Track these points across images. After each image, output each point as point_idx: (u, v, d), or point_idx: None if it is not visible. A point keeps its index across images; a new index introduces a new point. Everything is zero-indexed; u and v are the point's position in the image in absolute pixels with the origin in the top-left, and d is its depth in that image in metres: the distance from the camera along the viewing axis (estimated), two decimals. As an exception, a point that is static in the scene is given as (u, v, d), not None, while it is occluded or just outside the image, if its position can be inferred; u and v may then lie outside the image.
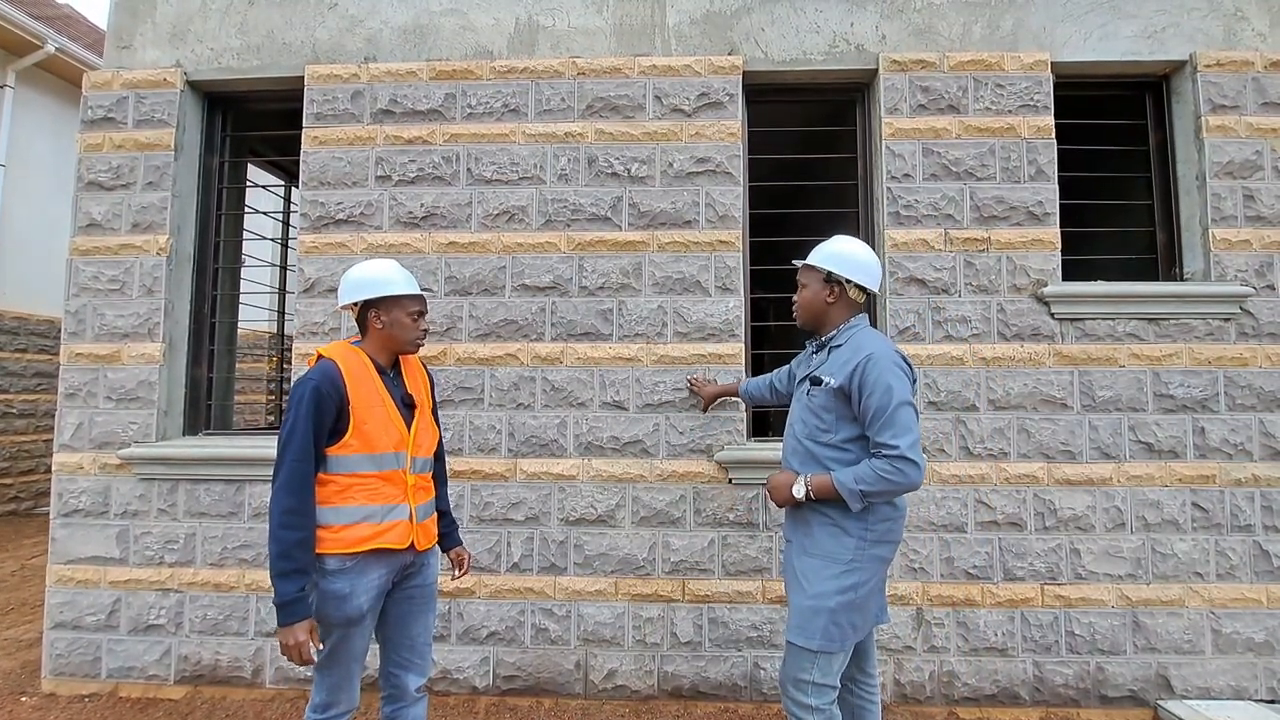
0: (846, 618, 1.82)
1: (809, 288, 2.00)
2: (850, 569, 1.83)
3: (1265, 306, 2.89)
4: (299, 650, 1.65)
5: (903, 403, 1.75)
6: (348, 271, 1.94)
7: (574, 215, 3.04)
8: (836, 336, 1.96)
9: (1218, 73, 2.98)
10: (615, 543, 2.92)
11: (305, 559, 1.68)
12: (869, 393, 1.77)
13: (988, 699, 2.80)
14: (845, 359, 1.86)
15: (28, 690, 2.99)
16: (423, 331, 1.96)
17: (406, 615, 1.94)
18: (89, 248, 3.11)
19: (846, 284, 1.95)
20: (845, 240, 2.01)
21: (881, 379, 1.76)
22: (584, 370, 2.98)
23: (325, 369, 1.78)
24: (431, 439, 2.01)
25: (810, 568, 1.88)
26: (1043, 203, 2.95)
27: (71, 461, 3.03)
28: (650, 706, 2.84)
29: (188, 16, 3.21)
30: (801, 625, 1.85)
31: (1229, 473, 2.84)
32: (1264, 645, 2.78)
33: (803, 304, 2.03)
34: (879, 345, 1.86)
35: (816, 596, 1.84)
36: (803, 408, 1.99)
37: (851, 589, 1.82)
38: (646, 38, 3.11)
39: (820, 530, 1.88)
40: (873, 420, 1.77)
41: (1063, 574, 2.84)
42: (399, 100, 3.10)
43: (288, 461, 1.69)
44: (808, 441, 1.94)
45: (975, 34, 3.04)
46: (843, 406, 1.86)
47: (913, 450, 1.71)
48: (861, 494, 1.76)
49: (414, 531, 1.87)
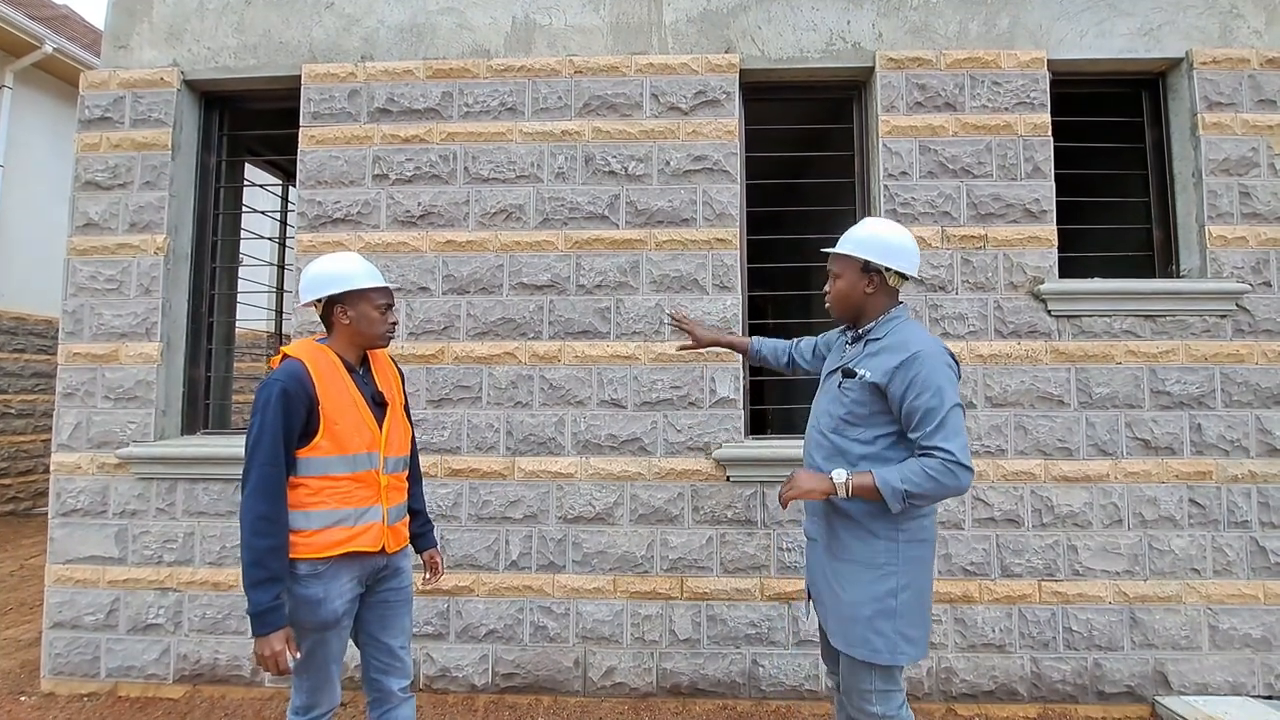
0: (889, 626, 1.68)
1: (844, 278, 1.84)
2: (885, 573, 1.71)
3: (1261, 303, 2.90)
4: (275, 660, 1.61)
5: (954, 405, 1.64)
6: (308, 267, 1.86)
7: (571, 214, 3.04)
8: (875, 329, 1.82)
9: (1214, 70, 2.98)
10: (613, 541, 2.92)
11: (279, 566, 1.64)
12: (918, 393, 1.65)
13: (985, 695, 2.81)
14: (886, 355, 1.73)
15: (27, 690, 3.00)
16: (391, 324, 1.88)
17: (383, 619, 1.90)
18: (86, 247, 3.11)
19: (886, 272, 1.80)
20: (879, 224, 1.87)
21: (932, 379, 1.65)
22: (582, 369, 2.98)
23: (292, 369, 1.71)
24: (404, 437, 1.95)
25: (843, 573, 1.77)
26: (1039, 200, 2.96)
27: (70, 461, 3.03)
28: (649, 704, 2.85)
29: (184, 16, 3.21)
30: (843, 633, 1.75)
31: (1226, 469, 2.85)
32: (1261, 641, 2.79)
33: (837, 296, 1.87)
34: (926, 342, 1.71)
35: (851, 604, 1.73)
36: (831, 400, 1.85)
37: (890, 595, 1.69)
38: (643, 36, 3.11)
39: (846, 534, 1.77)
40: (921, 422, 1.65)
41: (1060, 571, 2.84)
42: (396, 99, 3.10)
43: (257, 466, 1.64)
44: (834, 436, 1.81)
45: (972, 32, 3.05)
46: (877, 402, 1.73)
47: (964, 454, 1.61)
48: (906, 494, 1.62)
49: (386, 534, 1.82)
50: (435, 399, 2.99)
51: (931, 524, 1.79)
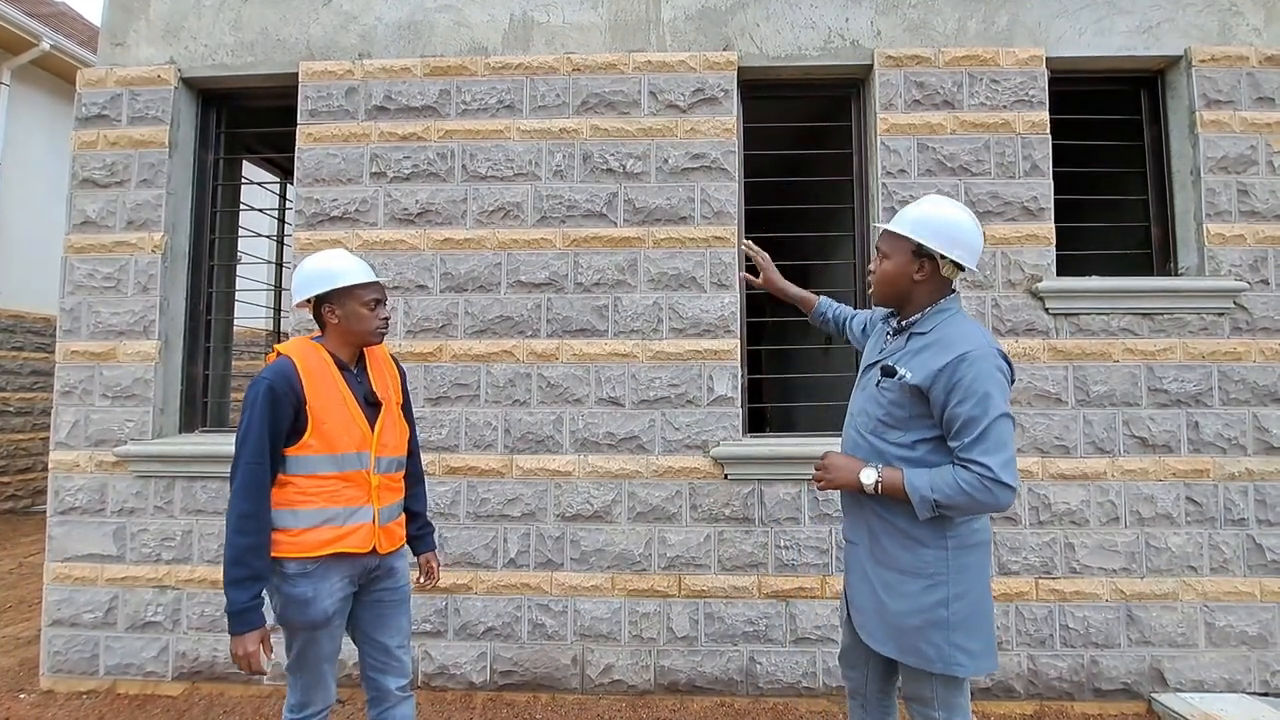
0: (942, 637, 1.55)
1: (892, 259, 1.65)
2: (935, 583, 1.57)
3: (1259, 301, 2.90)
4: (249, 660, 1.61)
5: (1001, 415, 1.49)
6: (298, 266, 1.85)
7: (569, 211, 3.03)
8: (920, 322, 1.65)
9: (1212, 68, 2.98)
10: (612, 538, 2.92)
11: (259, 565, 1.63)
12: (960, 399, 1.50)
13: (982, 692, 2.82)
14: (930, 353, 1.58)
15: (26, 688, 3.00)
16: (383, 320, 1.86)
17: (378, 619, 1.88)
18: (84, 245, 3.10)
19: (941, 260, 1.60)
20: (943, 204, 1.65)
21: (978, 385, 1.49)
22: (580, 367, 2.98)
23: (281, 367, 1.71)
24: (400, 437, 1.92)
25: (889, 581, 1.63)
26: (1037, 198, 2.96)
27: (68, 459, 3.03)
28: (646, 701, 2.85)
29: (181, 13, 3.20)
30: (894, 641, 1.63)
31: (1223, 467, 2.85)
32: (1257, 638, 2.80)
33: (882, 278, 1.69)
34: (976, 340, 1.55)
35: (898, 615, 1.61)
36: (869, 399, 1.71)
37: (940, 605, 1.56)
38: (641, 33, 3.10)
39: (888, 540, 1.63)
40: (961, 430, 1.51)
41: (1057, 568, 2.85)
42: (393, 97, 3.09)
43: (243, 464, 1.64)
44: (872, 438, 1.68)
45: (970, 29, 3.04)
46: (918, 405, 1.59)
47: (1005, 470, 1.46)
48: (934, 504, 1.51)
49: (377, 535, 1.80)
50: (433, 397, 2.99)
51: (985, 526, 1.64)
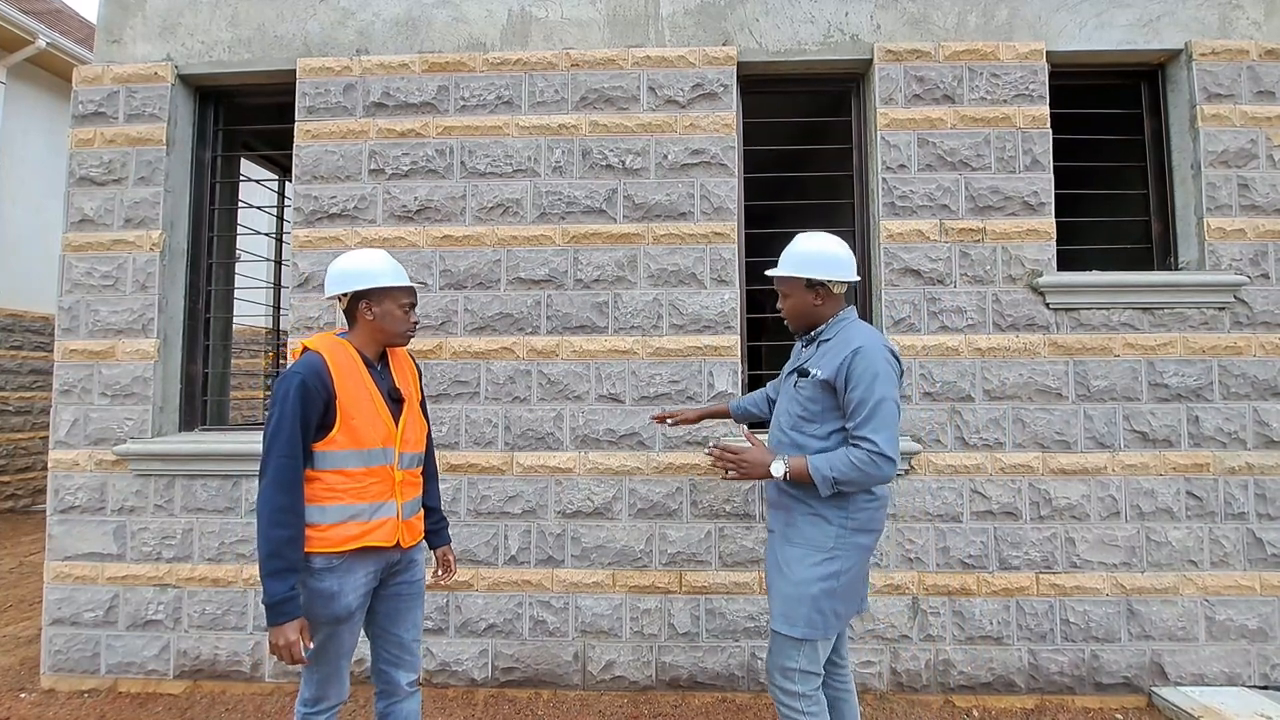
0: (829, 604, 1.84)
1: (792, 297, 1.98)
2: (832, 556, 1.85)
3: (1260, 295, 2.90)
4: (289, 650, 1.62)
5: (885, 398, 1.76)
6: (335, 261, 1.90)
7: (569, 208, 3.03)
8: (826, 330, 1.97)
9: (1213, 61, 2.97)
10: (612, 535, 2.93)
11: (295, 557, 1.66)
12: (854, 385, 1.79)
13: (983, 687, 2.82)
14: (834, 352, 1.87)
15: (27, 687, 3.00)
16: (413, 324, 1.92)
17: (395, 612, 1.92)
18: (81, 243, 3.09)
19: (830, 283, 1.94)
20: (812, 239, 1.98)
21: (867, 372, 1.78)
22: (580, 363, 2.98)
23: (311, 362, 1.74)
24: (420, 433, 1.97)
25: (792, 556, 1.90)
26: (1038, 193, 2.95)
27: (67, 458, 3.02)
28: (648, 697, 2.86)
29: (178, 10, 3.18)
30: (786, 613, 1.87)
31: (1223, 461, 2.85)
32: (1257, 632, 2.80)
33: (791, 313, 2.02)
34: (868, 338, 1.85)
35: (799, 584, 1.86)
36: (789, 399, 1.99)
37: (833, 576, 1.84)
38: (640, 29, 3.09)
39: (802, 519, 1.90)
40: (854, 412, 1.79)
41: (1058, 563, 2.85)
42: (391, 93, 3.08)
43: (275, 458, 1.66)
44: (793, 433, 1.95)
45: (970, 23, 3.03)
46: (829, 399, 1.87)
47: (889, 446, 1.73)
48: (833, 481, 1.77)
49: (400, 529, 1.84)
50: (433, 394, 2.98)
51: (882, 515, 1.93)
